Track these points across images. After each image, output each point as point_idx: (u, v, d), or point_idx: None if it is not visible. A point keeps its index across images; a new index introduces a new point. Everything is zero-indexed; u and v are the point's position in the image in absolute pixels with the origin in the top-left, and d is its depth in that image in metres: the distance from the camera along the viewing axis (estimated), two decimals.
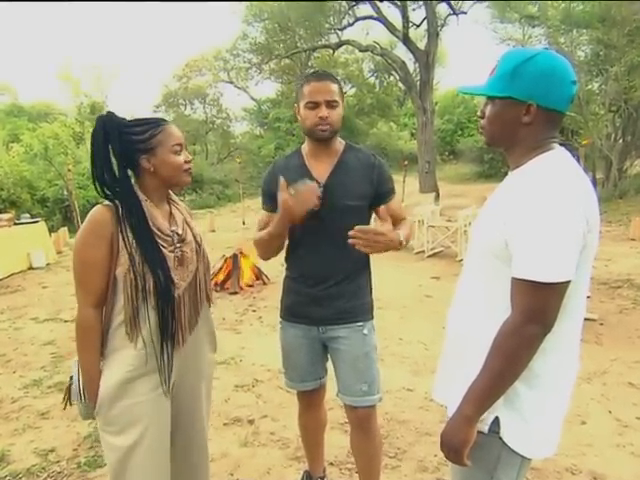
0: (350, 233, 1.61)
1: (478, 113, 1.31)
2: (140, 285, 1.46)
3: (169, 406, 1.60)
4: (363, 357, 1.89)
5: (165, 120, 1.58)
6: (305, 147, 1.93)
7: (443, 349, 1.41)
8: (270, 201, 1.93)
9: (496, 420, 1.18)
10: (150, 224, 1.50)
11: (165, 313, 1.51)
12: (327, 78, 1.81)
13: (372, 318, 1.96)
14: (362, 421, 1.96)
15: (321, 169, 1.86)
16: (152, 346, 1.50)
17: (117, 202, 1.49)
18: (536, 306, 1.09)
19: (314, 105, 1.77)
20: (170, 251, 1.54)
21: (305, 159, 1.91)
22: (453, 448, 1.17)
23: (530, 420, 1.18)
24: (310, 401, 2.13)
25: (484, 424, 1.18)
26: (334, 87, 1.80)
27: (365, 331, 1.90)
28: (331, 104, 1.79)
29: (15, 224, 7.75)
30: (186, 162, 1.56)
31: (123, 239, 1.45)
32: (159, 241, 1.51)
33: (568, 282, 1.09)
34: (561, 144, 1.24)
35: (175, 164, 1.53)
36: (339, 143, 1.91)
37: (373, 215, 2.01)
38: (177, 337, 1.56)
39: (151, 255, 1.47)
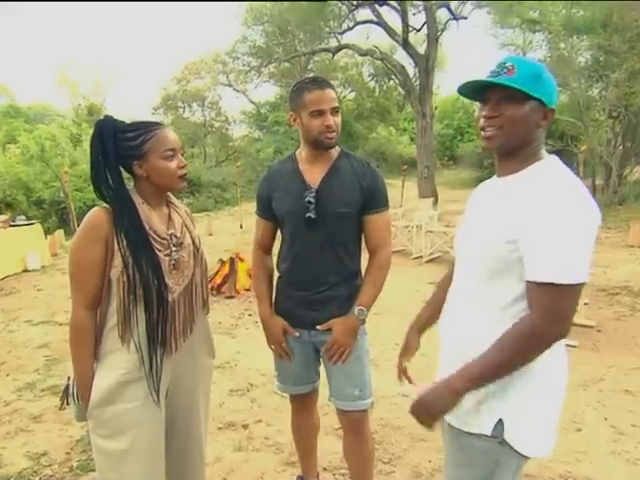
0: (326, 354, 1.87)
1: (488, 113, 1.21)
2: (132, 288, 1.45)
3: (163, 412, 1.58)
4: (354, 361, 1.88)
5: (160, 124, 1.55)
6: (301, 152, 1.92)
7: (442, 360, 1.38)
8: (265, 208, 1.95)
9: (499, 423, 1.18)
10: (145, 227, 1.50)
11: (154, 318, 1.49)
12: (328, 85, 1.80)
13: (364, 322, 1.94)
14: (354, 425, 1.95)
15: (314, 174, 1.85)
16: (144, 351, 1.49)
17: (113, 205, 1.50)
18: (559, 308, 1.10)
19: (319, 113, 1.75)
20: (166, 255, 1.53)
21: (299, 164, 1.89)
22: (430, 412, 1.18)
23: (533, 420, 1.20)
24: (303, 405, 2.11)
25: (486, 427, 1.19)
26: (334, 94, 1.80)
27: (357, 335, 1.88)
28: (335, 111, 1.79)
29: (10, 226, 7.72)
30: (179, 168, 1.54)
31: (117, 241, 1.45)
32: (154, 244, 1.50)
33: (584, 284, 1.10)
34: (557, 152, 1.26)
35: (166, 170, 1.51)
36: (334, 149, 1.89)
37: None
38: (170, 342, 1.55)
39: (144, 258, 1.46)
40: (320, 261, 1.85)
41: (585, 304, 4.89)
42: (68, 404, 1.59)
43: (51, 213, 14.26)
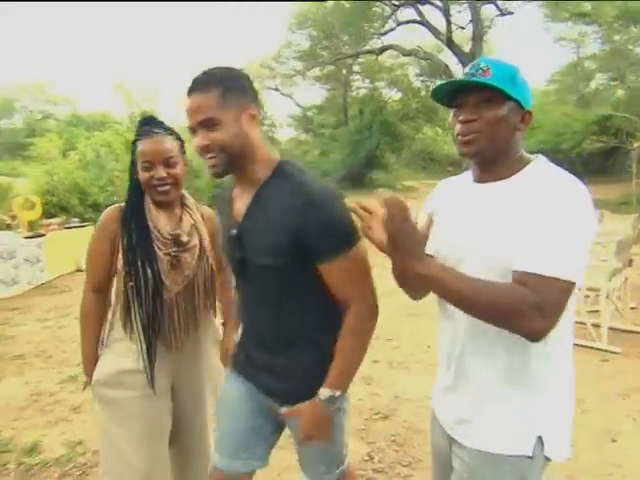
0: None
1: (466, 116, 1.14)
2: (130, 281, 1.54)
3: (164, 404, 1.64)
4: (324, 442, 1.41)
5: (144, 134, 1.58)
6: None
7: (452, 383, 1.25)
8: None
9: (538, 440, 1.13)
10: (150, 225, 1.58)
11: (148, 311, 1.56)
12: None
13: (339, 410, 1.39)
14: None
15: (240, 205, 1.34)
16: (142, 342, 1.57)
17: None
18: (548, 300, 0.99)
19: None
20: (165, 253, 1.58)
21: (235, 185, 1.40)
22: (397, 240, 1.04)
23: (565, 426, 1.18)
24: None
25: (527, 448, 1.12)
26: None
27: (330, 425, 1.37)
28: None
29: (65, 228, 8.19)
30: (154, 179, 1.55)
31: (122, 237, 1.57)
32: (156, 242, 1.57)
33: (573, 284, 1.02)
34: (610, 150, 1.18)
35: (143, 181, 1.58)
36: (263, 167, 1.29)
37: None
38: (170, 339, 1.61)
39: (142, 254, 1.54)
40: (260, 321, 1.38)
41: (632, 308, 4.65)
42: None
43: None
